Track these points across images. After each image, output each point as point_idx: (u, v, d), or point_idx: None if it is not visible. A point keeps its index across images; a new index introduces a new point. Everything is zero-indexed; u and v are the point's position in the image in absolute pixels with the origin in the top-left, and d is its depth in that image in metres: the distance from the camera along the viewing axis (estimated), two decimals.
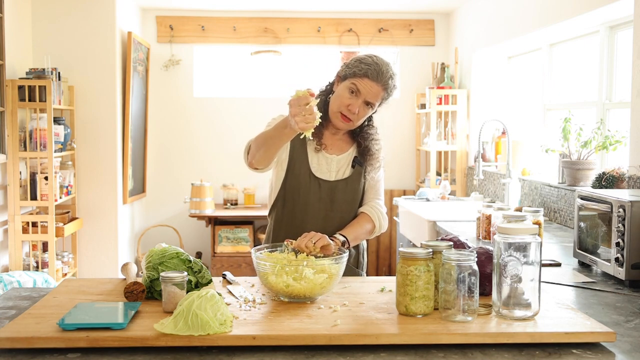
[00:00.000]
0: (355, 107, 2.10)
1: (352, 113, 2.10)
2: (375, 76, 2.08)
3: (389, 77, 2.10)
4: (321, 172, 2.18)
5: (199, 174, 5.76)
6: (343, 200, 2.18)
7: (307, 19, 5.84)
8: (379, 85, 2.09)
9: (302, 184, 2.16)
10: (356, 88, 2.09)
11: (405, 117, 5.99)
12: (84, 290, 1.84)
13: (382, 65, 2.10)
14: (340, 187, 2.18)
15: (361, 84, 2.08)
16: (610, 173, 3.06)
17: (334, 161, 2.20)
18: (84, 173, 4.91)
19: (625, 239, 2.07)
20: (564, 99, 4.19)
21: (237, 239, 5.47)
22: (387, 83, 2.10)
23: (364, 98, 2.09)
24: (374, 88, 2.09)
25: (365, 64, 2.09)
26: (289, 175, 2.18)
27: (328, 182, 2.17)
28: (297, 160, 2.17)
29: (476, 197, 4.57)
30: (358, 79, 2.09)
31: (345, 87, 2.12)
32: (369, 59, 2.11)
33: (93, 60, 4.86)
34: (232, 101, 5.88)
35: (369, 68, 2.08)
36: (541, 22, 3.95)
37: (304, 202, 2.16)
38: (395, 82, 2.14)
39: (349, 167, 2.21)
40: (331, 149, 2.21)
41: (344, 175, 2.20)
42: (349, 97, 2.10)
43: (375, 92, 2.09)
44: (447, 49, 5.93)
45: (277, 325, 1.52)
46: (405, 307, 1.58)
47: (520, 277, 1.56)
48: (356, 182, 2.20)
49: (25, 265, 4.34)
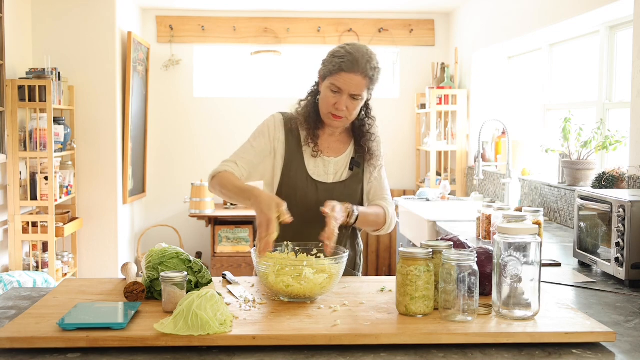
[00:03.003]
0: (341, 104, 2.04)
1: (340, 111, 2.05)
2: (351, 67, 2.00)
3: (366, 63, 2.02)
4: (318, 175, 2.14)
5: (199, 174, 5.76)
6: (342, 202, 2.13)
7: (307, 19, 5.84)
8: (358, 75, 2.01)
9: (299, 186, 2.12)
10: (336, 86, 2.03)
11: (405, 117, 5.99)
12: (84, 290, 1.84)
13: (355, 53, 2.02)
14: (338, 190, 2.13)
15: (339, 81, 2.01)
16: (610, 173, 3.06)
17: (331, 164, 2.15)
18: (84, 173, 4.91)
19: (625, 239, 2.07)
20: (564, 99, 4.19)
21: (237, 239, 5.47)
22: (366, 70, 2.02)
23: (347, 93, 2.03)
24: (354, 80, 2.01)
25: (338, 58, 2.02)
26: (284, 178, 2.13)
27: (325, 184, 2.13)
28: (293, 163, 2.13)
29: (476, 197, 4.57)
30: (335, 76, 2.02)
31: (326, 87, 2.06)
32: (341, 51, 2.04)
33: (93, 60, 4.86)
34: (232, 101, 5.88)
35: (342, 61, 2.01)
36: (541, 22, 3.95)
37: (302, 205, 2.10)
38: (375, 63, 2.05)
39: (347, 170, 2.17)
40: (328, 151, 2.16)
41: (341, 178, 2.16)
42: (332, 97, 2.04)
43: (356, 84, 2.02)
44: (447, 49, 5.93)
45: (277, 325, 1.52)
46: (405, 307, 1.58)
47: (520, 277, 1.56)
48: (354, 184, 2.16)
49: (25, 265, 4.34)
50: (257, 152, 2.14)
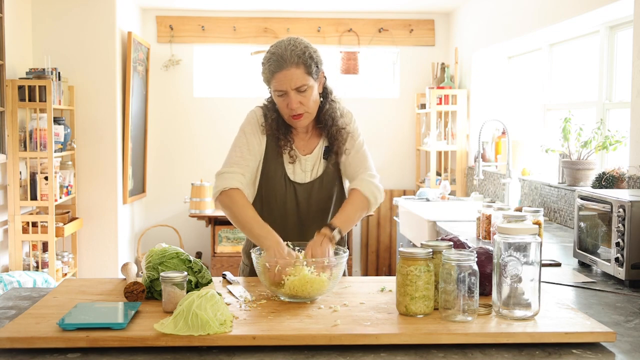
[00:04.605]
0: (293, 103, 1.99)
1: (296, 109, 2.00)
2: (279, 66, 1.96)
3: (291, 52, 1.96)
4: (296, 176, 2.11)
5: (199, 174, 5.76)
6: (319, 199, 2.12)
7: (307, 19, 5.84)
8: (290, 68, 1.96)
9: (278, 190, 2.10)
10: (278, 90, 1.99)
11: (405, 117, 5.99)
12: (84, 290, 1.84)
13: (277, 50, 1.98)
14: (315, 187, 2.12)
15: (278, 83, 1.98)
16: (610, 173, 3.06)
17: (308, 161, 2.12)
18: (84, 173, 4.91)
19: (625, 239, 2.07)
20: (564, 99, 4.19)
21: (237, 239, 5.47)
22: (294, 59, 1.96)
23: (291, 90, 1.97)
24: (287, 75, 1.96)
25: (266, 63, 2.00)
26: (263, 180, 2.11)
27: (303, 185, 2.11)
28: (271, 165, 2.10)
29: (476, 197, 4.57)
30: (273, 82, 1.99)
31: (273, 95, 2.03)
32: (267, 55, 2.00)
33: (93, 60, 4.86)
34: (232, 101, 5.88)
35: (270, 65, 1.98)
36: (541, 22, 3.95)
37: (281, 207, 2.10)
38: (302, 47, 1.98)
39: (322, 162, 2.13)
40: (304, 149, 2.13)
41: (318, 174, 2.13)
42: (282, 100, 2.00)
43: (294, 77, 1.97)
44: (447, 49, 5.93)
45: (277, 325, 1.52)
46: (405, 307, 1.58)
47: (520, 277, 1.56)
48: (330, 176, 2.13)
49: (25, 265, 4.34)
50: (253, 155, 2.10)
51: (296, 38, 2.03)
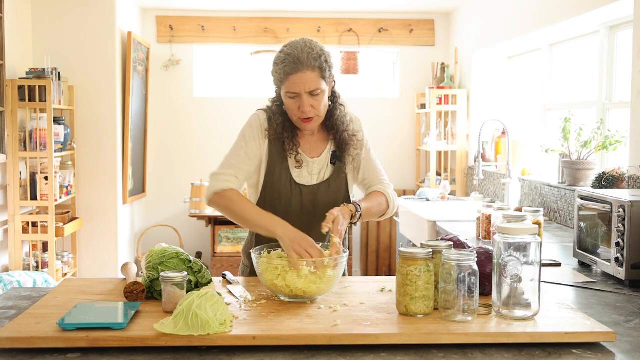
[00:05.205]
0: (304, 106, 1.96)
1: (307, 112, 1.97)
2: (295, 68, 1.93)
3: (307, 55, 1.94)
4: (302, 178, 2.09)
5: (199, 174, 5.76)
6: (325, 203, 2.07)
7: (307, 19, 5.84)
8: (305, 71, 1.93)
9: (283, 191, 2.07)
10: (291, 92, 1.96)
11: (405, 117, 5.99)
12: (84, 290, 1.84)
13: (294, 51, 1.95)
14: (322, 190, 2.09)
15: (291, 85, 1.95)
16: (610, 173, 3.06)
17: (315, 164, 2.10)
18: (84, 173, 4.91)
19: (625, 239, 2.07)
20: (564, 99, 4.19)
21: (237, 239, 5.47)
22: (310, 63, 1.94)
23: (304, 93, 1.95)
24: (303, 78, 1.93)
25: (280, 63, 1.96)
26: (268, 182, 2.09)
27: (309, 187, 2.09)
28: (276, 170, 2.08)
29: (476, 197, 4.57)
30: (286, 83, 1.96)
31: (284, 96, 2.00)
32: (281, 56, 1.97)
33: (93, 60, 4.86)
34: (232, 101, 5.88)
35: (285, 66, 1.94)
36: (541, 22, 3.95)
37: (286, 210, 2.05)
38: (318, 51, 1.97)
39: (329, 166, 2.11)
40: (310, 152, 2.11)
41: (324, 177, 2.10)
42: (293, 103, 1.98)
43: (307, 81, 1.94)
44: (447, 49, 5.93)
45: (277, 325, 1.52)
46: (405, 307, 1.58)
47: (520, 277, 1.56)
48: (338, 181, 2.12)
49: (25, 265, 4.34)
50: (251, 159, 2.08)
51: (311, 40, 2.02)
